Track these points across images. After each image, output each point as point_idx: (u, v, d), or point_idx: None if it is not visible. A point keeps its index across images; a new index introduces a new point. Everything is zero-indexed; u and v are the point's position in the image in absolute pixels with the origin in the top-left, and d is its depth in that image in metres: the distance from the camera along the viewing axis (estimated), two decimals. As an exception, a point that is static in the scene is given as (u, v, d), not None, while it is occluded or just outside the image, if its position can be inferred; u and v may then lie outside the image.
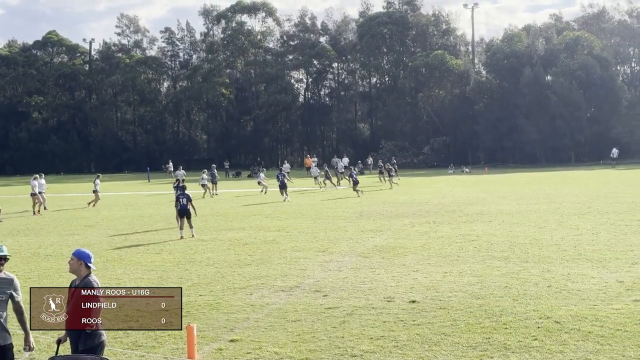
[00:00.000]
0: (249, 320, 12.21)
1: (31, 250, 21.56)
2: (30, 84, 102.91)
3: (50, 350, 10.17)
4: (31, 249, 21.88)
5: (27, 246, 22.72)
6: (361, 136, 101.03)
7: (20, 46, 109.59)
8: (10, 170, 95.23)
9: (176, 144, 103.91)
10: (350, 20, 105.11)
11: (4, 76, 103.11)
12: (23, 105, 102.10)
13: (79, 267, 8.21)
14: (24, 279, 16.38)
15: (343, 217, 28.49)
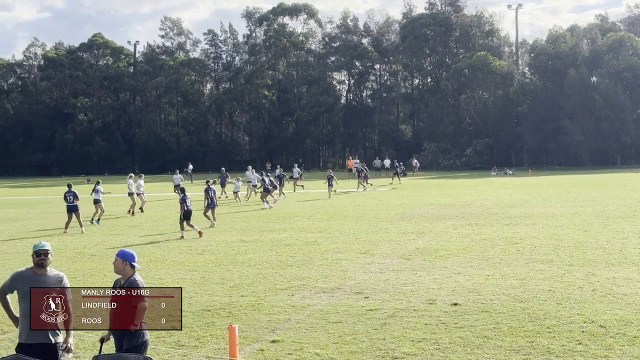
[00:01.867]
0: (290, 321, 12.22)
1: (76, 250, 21.85)
2: (76, 86, 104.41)
3: (94, 349, 10.30)
4: (76, 249, 22.18)
5: (72, 246, 23.03)
6: (403, 138, 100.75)
7: (67, 48, 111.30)
8: (56, 172, 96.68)
9: (219, 145, 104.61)
10: (392, 21, 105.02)
11: (50, 78, 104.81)
12: (69, 107, 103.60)
13: (124, 267, 8.30)
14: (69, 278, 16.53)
15: (385, 218, 28.40)
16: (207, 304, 13.65)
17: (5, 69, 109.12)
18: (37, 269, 8.01)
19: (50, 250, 8.09)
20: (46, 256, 8.02)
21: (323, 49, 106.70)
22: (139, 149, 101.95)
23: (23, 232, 27.86)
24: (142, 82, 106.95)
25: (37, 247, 8.04)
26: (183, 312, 12.91)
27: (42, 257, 7.99)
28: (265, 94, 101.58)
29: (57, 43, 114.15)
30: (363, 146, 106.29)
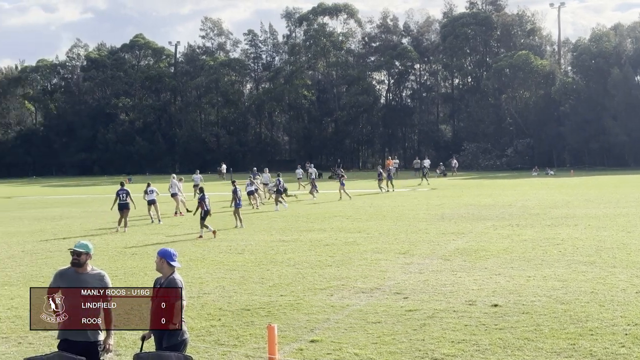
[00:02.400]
0: (329, 321, 12.23)
1: (117, 249, 22.09)
2: (117, 86, 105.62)
3: (135, 347, 10.39)
4: (117, 248, 22.43)
5: (114, 244, 23.29)
6: (443, 138, 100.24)
7: (109, 49, 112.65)
8: (98, 171, 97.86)
9: (258, 145, 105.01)
10: (432, 21, 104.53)
11: (93, 79, 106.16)
12: (111, 107, 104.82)
13: (163, 265, 8.37)
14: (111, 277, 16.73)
15: (424, 219, 28.28)
16: (247, 303, 13.71)
17: (49, 69, 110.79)
18: (77, 268, 8.10)
19: (87, 250, 8.13)
20: (79, 256, 8.07)
21: (363, 48, 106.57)
22: (179, 148, 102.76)
23: (66, 231, 28.25)
24: (182, 82, 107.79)
25: (74, 247, 8.12)
26: (222, 311, 13.06)
27: (75, 257, 8.06)
28: (305, 94, 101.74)
29: (99, 44, 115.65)
30: (402, 146, 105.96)
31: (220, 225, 27.88)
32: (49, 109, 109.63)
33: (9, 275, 17.57)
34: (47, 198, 50.92)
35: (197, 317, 12.65)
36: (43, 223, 31.32)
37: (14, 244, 24.04)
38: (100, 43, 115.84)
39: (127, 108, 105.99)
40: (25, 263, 19.54)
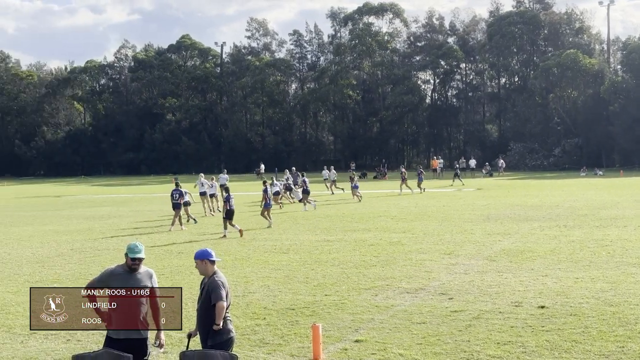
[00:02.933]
0: (374, 321, 12.20)
1: (164, 248, 22.32)
2: (164, 87, 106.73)
3: (181, 344, 10.49)
4: (164, 246, 22.66)
5: (160, 243, 23.53)
6: (489, 138, 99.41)
7: (156, 50, 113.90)
8: (145, 170, 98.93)
9: (303, 145, 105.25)
10: (479, 20, 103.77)
11: (140, 79, 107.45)
12: (157, 107, 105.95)
13: (205, 266, 8.43)
14: (158, 275, 16.94)
15: (470, 219, 28.08)
16: (291, 302, 13.75)
17: (97, 70, 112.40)
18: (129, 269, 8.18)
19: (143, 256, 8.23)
20: (140, 262, 8.18)
21: (408, 48, 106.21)
22: (225, 148, 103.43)
23: (114, 229, 28.61)
24: (228, 82, 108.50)
25: (133, 253, 8.15)
26: (267, 310, 13.11)
27: (136, 263, 8.15)
28: (350, 94, 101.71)
29: (146, 45, 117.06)
30: (448, 146, 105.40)
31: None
32: (97, 109, 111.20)
33: (58, 273, 17.86)
34: (95, 197, 51.65)
35: (242, 316, 12.72)
36: (91, 222, 31.77)
37: (63, 242, 24.43)
38: (147, 44, 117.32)
39: (174, 108, 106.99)
40: (74, 261, 19.84)
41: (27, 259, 20.58)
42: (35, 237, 26.34)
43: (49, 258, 20.59)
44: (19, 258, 20.72)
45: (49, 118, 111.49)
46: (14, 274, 18.03)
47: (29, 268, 18.84)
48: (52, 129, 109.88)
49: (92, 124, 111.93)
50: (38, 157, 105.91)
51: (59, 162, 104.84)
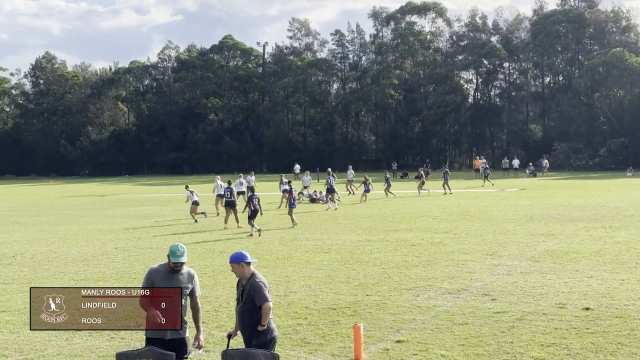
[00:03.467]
0: (415, 321, 12.15)
1: (207, 247, 22.47)
2: (207, 87, 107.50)
3: (222, 343, 10.54)
4: (207, 246, 22.81)
5: (203, 243, 23.70)
6: (533, 137, 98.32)
7: (198, 50, 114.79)
8: (187, 170, 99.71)
9: (345, 145, 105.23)
10: (522, 18, 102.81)
11: (183, 79, 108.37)
12: (200, 107, 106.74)
13: (242, 269, 8.41)
14: (200, 274, 17.05)
15: (513, 219, 27.82)
16: (333, 302, 13.74)
17: (141, 71, 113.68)
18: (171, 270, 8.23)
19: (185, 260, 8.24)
20: (182, 265, 8.22)
21: (450, 47, 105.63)
22: (267, 148, 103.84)
23: (157, 228, 28.89)
24: (270, 82, 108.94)
25: (175, 257, 8.18)
26: (309, 310, 13.12)
27: (177, 266, 8.20)
28: (392, 94, 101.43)
29: (189, 45, 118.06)
30: (491, 146, 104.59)
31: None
32: (141, 110, 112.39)
33: (102, 272, 18.07)
34: (138, 197, 52.19)
35: (284, 316, 12.75)
36: (135, 221, 32.11)
37: (108, 241, 24.72)
38: (190, 44, 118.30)
39: (216, 108, 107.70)
40: (118, 260, 20.06)
41: (73, 257, 20.86)
42: (80, 235, 26.70)
43: (94, 257, 20.85)
44: (64, 256, 21.02)
45: (93, 118, 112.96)
46: (59, 272, 18.30)
47: (74, 266, 19.10)
48: (97, 129, 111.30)
49: (136, 124, 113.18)
50: (83, 156, 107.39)
51: (104, 161, 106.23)
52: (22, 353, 10.93)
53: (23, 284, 16.69)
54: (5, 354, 10.87)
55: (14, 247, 23.46)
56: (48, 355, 10.80)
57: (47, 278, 17.38)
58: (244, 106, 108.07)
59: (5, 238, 26.41)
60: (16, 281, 17.07)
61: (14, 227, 30.49)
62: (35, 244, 24.45)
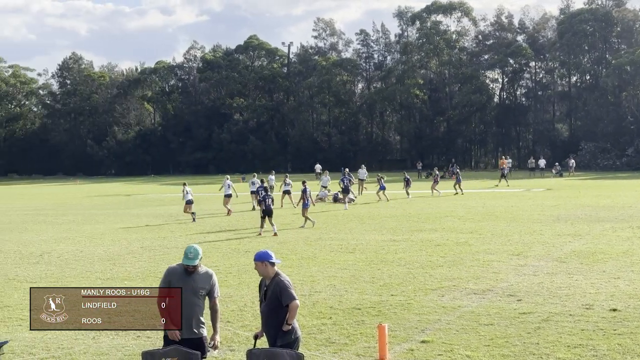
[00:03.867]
0: (440, 322, 12.11)
1: (231, 247, 22.53)
2: (232, 87, 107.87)
3: (248, 343, 10.57)
4: (231, 245, 22.87)
5: (228, 242, 23.77)
6: (559, 137, 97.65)
7: (224, 50, 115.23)
8: (212, 170, 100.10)
9: (369, 145, 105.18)
10: (549, 17, 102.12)
11: (208, 79, 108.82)
12: (225, 107, 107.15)
13: (265, 268, 8.41)
14: (225, 274, 17.13)
15: (539, 220, 27.63)
16: (357, 302, 13.73)
17: (166, 71, 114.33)
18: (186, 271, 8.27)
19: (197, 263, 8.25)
20: (195, 267, 8.24)
21: (476, 47, 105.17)
22: (291, 147, 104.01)
23: (183, 228, 29.02)
24: (295, 82, 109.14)
25: (187, 260, 8.21)
26: (333, 309, 13.12)
27: (190, 268, 8.23)
28: (417, 94, 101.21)
29: (215, 45, 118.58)
30: (517, 146, 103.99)
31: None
32: (167, 109, 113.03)
33: (129, 271, 18.19)
34: (164, 196, 52.46)
35: (309, 315, 12.75)
36: (160, 220, 32.29)
37: (134, 240, 24.88)
38: (216, 44, 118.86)
39: (241, 108, 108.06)
40: (144, 259, 20.18)
41: (99, 256, 21.02)
42: (106, 235, 26.89)
43: (120, 256, 20.99)
44: (90, 255, 21.18)
45: (120, 118, 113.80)
46: (86, 271, 18.44)
47: (100, 265, 19.24)
48: (123, 129, 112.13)
49: (162, 124, 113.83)
50: (109, 156, 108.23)
51: (129, 161, 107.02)
52: (49, 351, 11.02)
53: (50, 282, 16.84)
54: (33, 352, 10.97)
55: (42, 246, 23.69)
56: (75, 353, 10.89)
57: (74, 277, 17.53)
58: (269, 106, 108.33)
59: (33, 237, 26.66)
60: (44, 280, 17.23)
61: (41, 227, 30.77)
62: (62, 243, 24.66)
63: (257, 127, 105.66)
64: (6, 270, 18.78)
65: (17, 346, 11.07)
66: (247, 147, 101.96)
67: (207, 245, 22.87)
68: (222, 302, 13.90)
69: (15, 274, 18.15)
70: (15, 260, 20.72)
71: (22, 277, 17.74)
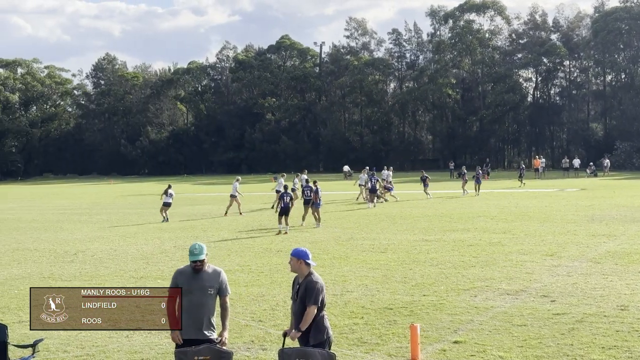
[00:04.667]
0: (473, 322, 12.04)
1: (263, 246, 22.59)
2: (264, 87, 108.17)
3: (278, 342, 10.58)
4: (263, 245, 22.94)
5: (260, 242, 23.84)
6: (594, 137, 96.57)
7: (256, 50, 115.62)
8: (245, 169, 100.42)
9: (402, 144, 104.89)
10: (583, 15, 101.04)
11: (241, 79, 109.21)
12: (257, 107, 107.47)
13: (299, 266, 8.41)
14: (257, 273, 17.19)
15: (573, 220, 27.37)
16: (389, 302, 13.70)
17: (199, 71, 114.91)
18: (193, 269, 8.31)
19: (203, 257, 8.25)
20: (202, 263, 8.26)
21: (509, 45, 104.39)
22: (323, 147, 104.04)
23: (215, 227, 29.17)
24: (327, 82, 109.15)
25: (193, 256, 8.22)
26: (365, 309, 13.11)
27: (197, 264, 8.26)
28: (449, 93, 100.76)
29: (247, 45, 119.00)
30: (550, 145, 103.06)
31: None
32: (199, 109, 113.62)
33: (162, 270, 18.31)
34: (196, 195, 52.76)
35: (340, 315, 12.75)
36: (193, 220, 32.48)
37: (166, 239, 25.05)
38: (248, 44, 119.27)
39: (273, 108, 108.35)
40: (177, 258, 20.30)
41: (132, 255, 21.20)
42: (139, 234, 27.11)
43: (153, 255, 21.15)
44: (124, 254, 21.37)
45: (153, 118, 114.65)
46: (119, 269, 18.60)
47: (134, 264, 19.40)
48: (156, 129, 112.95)
49: (194, 124, 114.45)
50: (143, 156, 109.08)
51: (162, 161, 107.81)
52: (84, 349, 11.14)
53: (85, 281, 17.03)
54: (67, 350, 11.10)
55: (76, 245, 23.95)
56: (109, 351, 10.99)
57: (108, 275, 17.70)
58: (301, 106, 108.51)
59: (68, 236, 26.97)
60: (78, 278, 17.41)
61: (76, 226, 31.11)
62: (96, 241, 24.92)
63: (289, 127, 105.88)
64: (41, 269, 19.02)
65: (52, 344, 11.20)
66: (279, 146, 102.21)
67: (239, 244, 22.98)
68: (255, 301, 14.01)
69: (50, 273, 18.36)
70: (50, 259, 20.97)
71: (57, 275, 17.95)
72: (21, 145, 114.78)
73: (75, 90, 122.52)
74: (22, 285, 16.69)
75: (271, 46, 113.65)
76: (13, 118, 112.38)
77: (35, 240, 25.94)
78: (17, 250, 22.99)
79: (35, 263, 20.16)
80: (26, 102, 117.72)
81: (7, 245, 24.61)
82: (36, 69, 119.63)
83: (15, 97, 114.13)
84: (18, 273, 18.49)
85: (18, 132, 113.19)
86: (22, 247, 23.79)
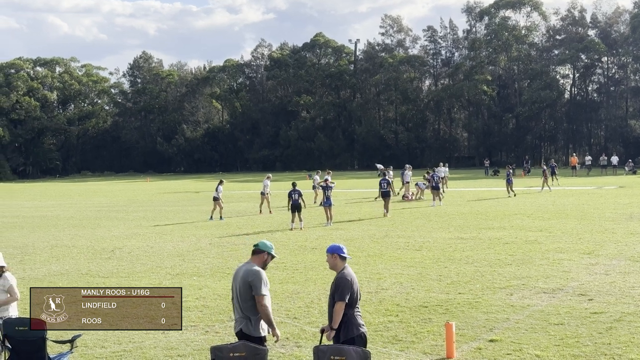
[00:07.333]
0: (509, 320, 11.96)
1: (298, 243, 22.64)
2: (299, 85, 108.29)
3: (313, 339, 10.61)
4: (298, 242, 22.99)
5: (295, 239, 23.89)
6: (632, 134, 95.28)
7: (290, 48, 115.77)
8: (279, 167, 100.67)
9: (437, 142, 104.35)
10: (622, 11, 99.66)
11: (276, 77, 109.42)
12: (292, 105, 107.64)
13: (335, 261, 8.48)
14: (292, 270, 17.24)
15: (611, 218, 27.05)
16: (424, 300, 13.66)
17: (234, 69, 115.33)
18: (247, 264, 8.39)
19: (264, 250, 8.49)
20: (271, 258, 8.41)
21: (546, 42, 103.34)
22: (358, 145, 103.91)
23: (250, 225, 29.32)
24: (361, 79, 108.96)
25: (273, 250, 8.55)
26: (400, 307, 13.08)
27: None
28: (485, 90, 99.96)
29: (282, 43, 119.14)
30: (588, 143, 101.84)
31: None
32: (235, 107, 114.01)
33: (197, 267, 18.44)
34: (232, 193, 52.95)
35: (375, 312, 12.74)
36: (234, 217, 32.62)
37: (202, 236, 25.21)
38: (283, 42, 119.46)
39: (308, 105, 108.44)
40: (212, 255, 20.43)
41: (169, 252, 21.37)
42: (175, 231, 27.31)
43: (189, 252, 21.30)
44: (160, 251, 21.55)
45: (188, 116, 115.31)
46: (156, 266, 18.76)
47: (170, 261, 19.55)
48: (192, 127, 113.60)
49: (230, 122, 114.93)
50: (178, 153, 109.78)
51: (198, 158, 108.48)
52: (121, 345, 11.26)
53: (122, 277, 17.20)
54: (105, 346, 11.22)
55: (113, 242, 24.20)
56: (145, 347, 11.09)
57: (144, 272, 17.85)
58: (336, 103, 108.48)
59: (105, 233, 27.25)
60: (115, 275, 17.60)
61: (113, 223, 31.42)
62: (133, 239, 25.16)
63: (323, 125, 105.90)
64: (79, 266, 19.25)
65: (89, 339, 11.33)
66: (314, 144, 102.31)
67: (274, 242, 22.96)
68: (289, 299, 14.05)
69: (87, 269, 18.58)
70: (88, 255, 21.21)
71: (95, 272, 18.15)
72: (59, 143, 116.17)
73: (112, 88, 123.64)
74: (60, 281, 16.91)
75: (306, 44, 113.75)
76: (51, 116, 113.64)
77: (73, 237, 26.26)
78: (55, 247, 23.29)
79: (73, 260, 20.41)
80: (64, 100, 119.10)
81: (45, 242, 24.95)
82: (73, 68, 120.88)
83: (53, 95, 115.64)
84: (56, 269, 18.73)
85: (56, 130, 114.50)
86: (60, 244, 24.09)
